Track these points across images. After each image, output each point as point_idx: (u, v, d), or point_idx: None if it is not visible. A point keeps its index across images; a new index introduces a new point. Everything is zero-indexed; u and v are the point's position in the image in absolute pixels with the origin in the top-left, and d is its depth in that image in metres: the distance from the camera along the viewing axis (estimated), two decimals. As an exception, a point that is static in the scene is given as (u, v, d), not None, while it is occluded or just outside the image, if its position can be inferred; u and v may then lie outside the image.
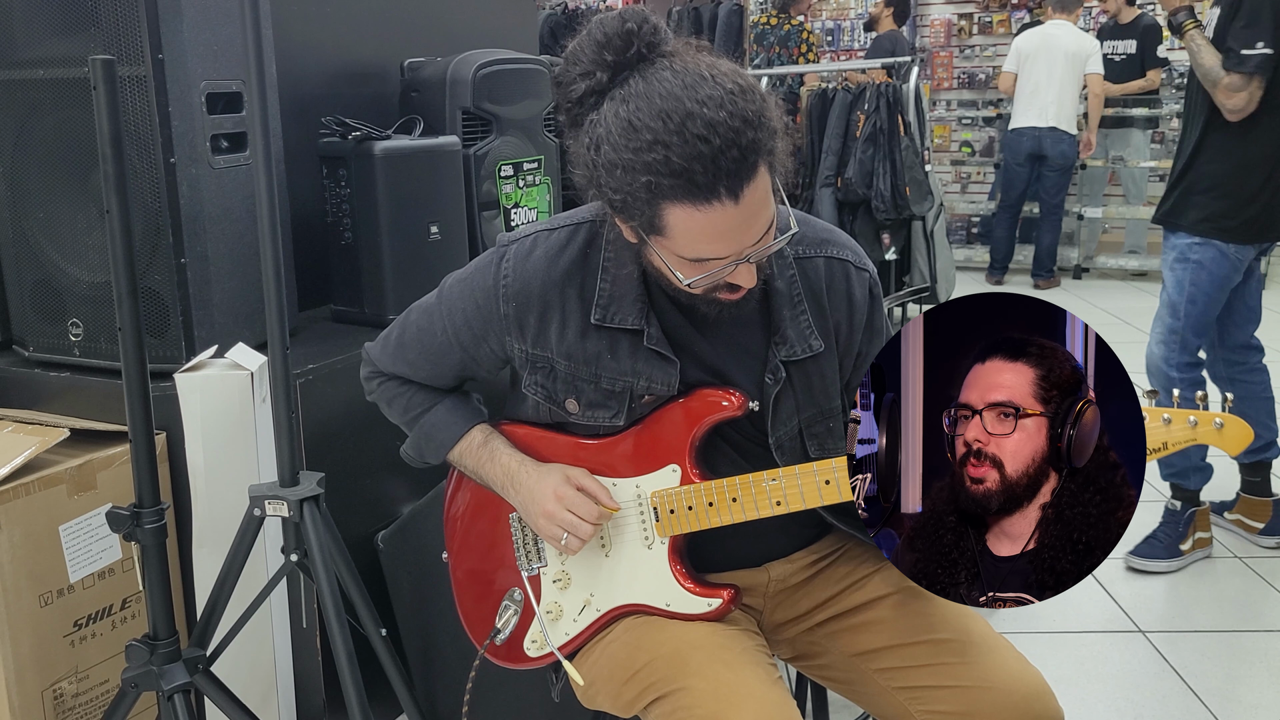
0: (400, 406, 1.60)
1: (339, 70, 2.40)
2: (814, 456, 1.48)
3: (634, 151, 1.20)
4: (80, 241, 1.83)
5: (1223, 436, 1.29)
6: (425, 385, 1.59)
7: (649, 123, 1.19)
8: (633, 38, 1.25)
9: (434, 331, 1.53)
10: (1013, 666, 1.39)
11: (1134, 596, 2.98)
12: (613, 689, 1.44)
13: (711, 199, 1.20)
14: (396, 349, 1.58)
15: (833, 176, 5.46)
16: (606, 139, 1.23)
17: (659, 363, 1.42)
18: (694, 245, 1.25)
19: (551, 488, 1.44)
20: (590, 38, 1.26)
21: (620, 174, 1.22)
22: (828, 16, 9.20)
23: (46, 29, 1.76)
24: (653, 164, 1.19)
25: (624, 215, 1.28)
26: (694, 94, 1.19)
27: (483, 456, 1.54)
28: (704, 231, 1.23)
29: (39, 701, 1.69)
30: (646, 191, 1.21)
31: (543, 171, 2.47)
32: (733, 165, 1.19)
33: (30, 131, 1.82)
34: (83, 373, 1.89)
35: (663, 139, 1.18)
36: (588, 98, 1.26)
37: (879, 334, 1.53)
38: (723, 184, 1.19)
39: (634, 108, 1.21)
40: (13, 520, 1.63)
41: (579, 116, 1.28)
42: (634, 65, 1.25)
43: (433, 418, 1.57)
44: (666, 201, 1.22)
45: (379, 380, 1.62)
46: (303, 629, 1.87)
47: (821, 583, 1.55)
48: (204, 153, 1.80)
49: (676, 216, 1.23)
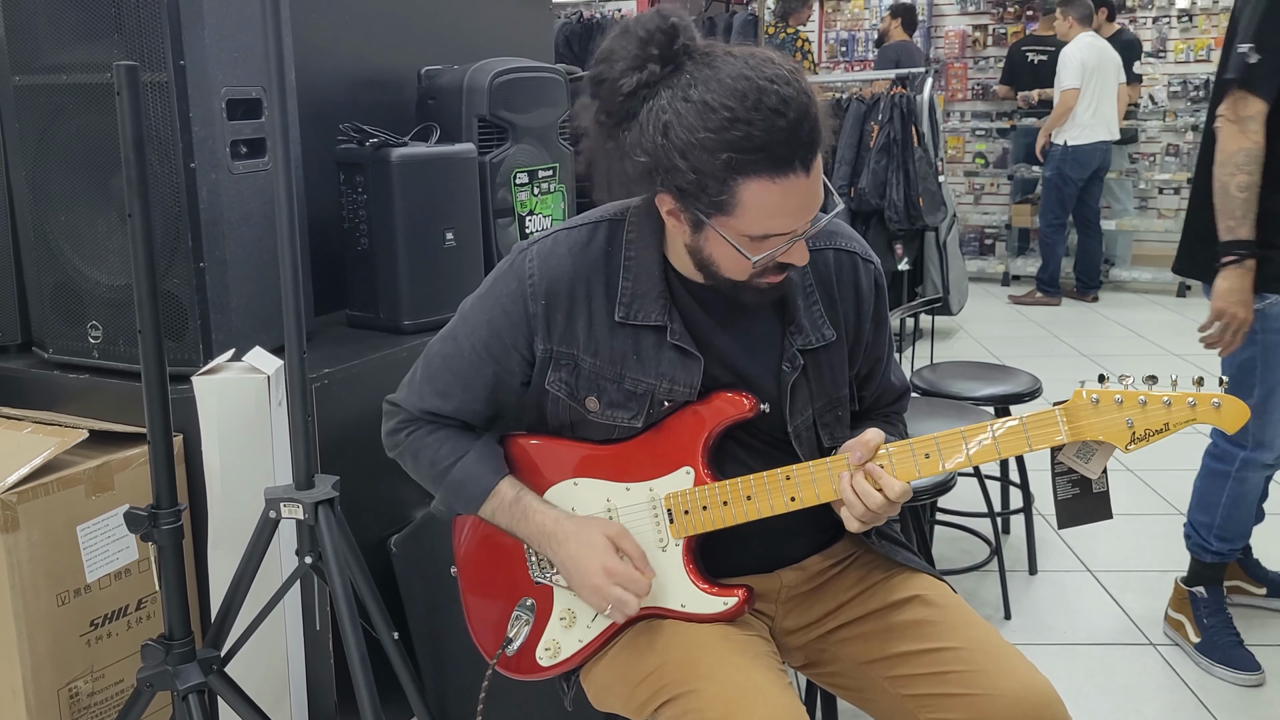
0: (427, 460, 1.55)
1: (357, 77, 2.42)
2: (826, 445, 1.51)
3: (712, 130, 1.24)
4: (101, 245, 1.85)
5: (1220, 415, 1.32)
6: (455, 428, 1.55)
7: (725, 101, 1.23)
8: (677, 31, 1.29)
9: (461, 353, 1.51)
10: (1022, 675, 1.39)
11: (1145, 609, 2.97)
12: (625, 691, 1.45)
13: (789, 171, 1.25)
14: (424, 383, 1.55)
15: (846, 186, 5.46)
16: (678, 123, 1.26)
17: (681, 360, 1.43)
18: (763, 220, 1.29)
19: (599, 561, 1.43)
20: (630, 35, 1.29)
21: (697, 154, 1.25)
22: (842, 27, 9.21)
23: (70, 35, 1.78)
24: (734, 141, 1.23)
25: (692, 199, 1.30)
26: (761, 73, 1.24)
27: (515, 514, 1.51)
28: (778, 205, 1.27)
29: (55, 700, 1.70)
30: (725, 169, 1.25)
31: (557, 179, 2.48)
32: (808, 137, 1.25)
33: (53, 136, 1.84)
34: (102, 375, 1.90)
35: (741, 116, 1.22)
36: (640, 90, 1.29)
37: (883, 324, 1.57)
38: (799, 155, 1.25)
39: (704, 90, 1.25)
40: (31, 520, 1.64)
41: (632, 109, 1.30)
42: (682, 57, 1.29)
43: (459, 473, 1.52)
44: (744, 177, 1.25)
45: (406, 430, 1.57)
46: (316, 631, 1.88)
47: (833, 589, 1.56)
48: (224, 158, 1.82)
49: (752, 192, 1.26)
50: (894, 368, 1.65)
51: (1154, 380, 1.35)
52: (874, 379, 1.61)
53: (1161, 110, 7.74)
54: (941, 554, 3.32)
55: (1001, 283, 7.69)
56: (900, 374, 1.67)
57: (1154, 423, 1.34)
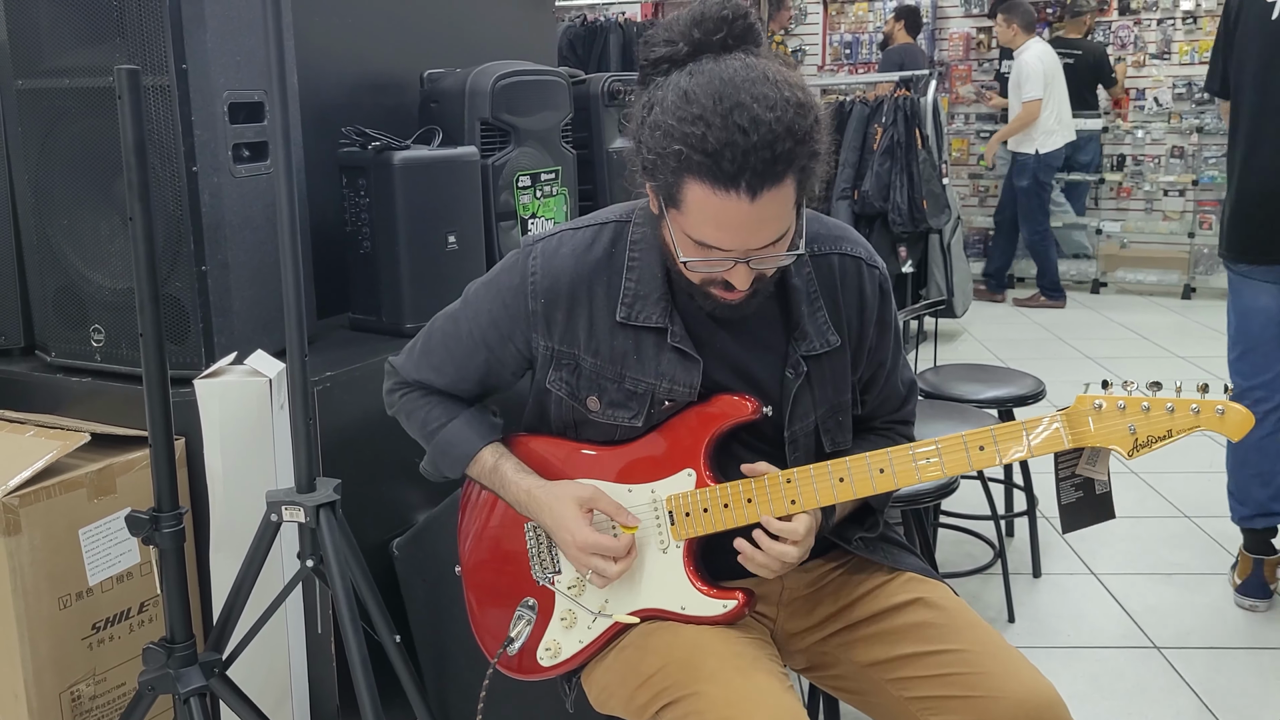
0: (419, 420, 1.61)
1: (359, 81, 2.42)
2: (827, 449, 1.51)
3: (678, 120, 1.24)
4: (103, 248, 1.85)
5: (1224, 422, 1.31)
6: (446, 396, 1.60)
7: (701, 98, 1.24)
8: (725, 24, 1.30)
9: (459, 335, 1.55)
10: (1025, 678, 1.38)
11: (1149, 612, 2.97)
12: (626, 694, 1.44)
13: (730, 188, 1.23)
14: (421, 355, 1.60)
15: (849, 189, 5.46)
16: (661, 102, 1.28)
17: (681, 362, 1.44)
18: (702, 228, 1.29)
19: (571, 536, 1.45)
20: (690, 11, 1.31)
21: (660, 136, 1.26)
22: (846, 30, 9.20)
23: (72, 39, 1.78)
24: (690, 136, 1.23)
25: (650, 178, 1.32)
26: (752, 88, 1.23)
27: (494, 482, 1.56)
28: (714, 217, 1.27)
29: (57, 703, 1.71)
30: (675, 160, 1.25)
31: (560, 182, 2.48)
32: (761, 165, 1.22)
33: (55, 139, 1.84)
34: (104, 378, 1.91)
35: (706, 117, 1.22)
36: (662, 63, 1.31)
37: (888, 328, 1.56)
38: (745, 178, 1.23)
39: (695, 81, 1.26)
40: (33, 523, 1.65)
41: (649, 78, 1.33)
42: (716, 48, 1.30)
43: (448, 434, 1.58)
44: (690, 175, 1.25)
45: (401, 392, 1.63)
46: (318, 634, 1.88)
47: (835, 592, 1.56)
48: (226, 161, 1.82)
49: (694, 193, 1.26)
50: (902, 370, 1.64)
51: (1158, 386, 1.34)
52: (877, 384, 1.60)
53: (1166, 112, 7.73)
54: (945, 557, 3.31)
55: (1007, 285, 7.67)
56: (909, 377, 1.65)
57: (1157, 429, 1.33)
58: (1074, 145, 7.04)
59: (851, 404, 1.55)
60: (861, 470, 1.41)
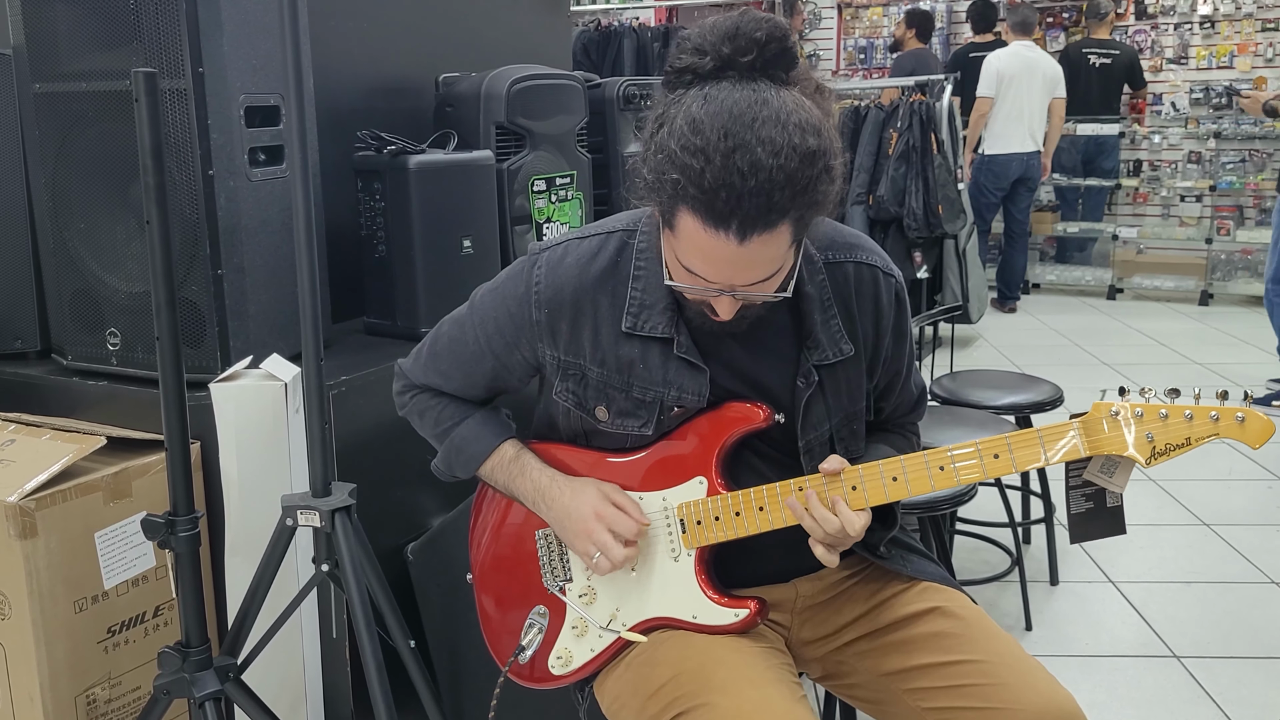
0: (431, 420, 1.61)
1: (375, 85, 2.42)
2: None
3: (681, 148, 1.22)
4: (119, 252, 1.86)
5: (1244, 430, 1.29)
6: (456, 398, 1.60)
7: (707, 131, 1.21)
8: (756, 46, 1.25)
9: (466, 341, 1.54)
10: (1044, 688, 1.37)
11: (1168, 621, 2.94)
12: (637, 704, 1.43)
13: (720, 228, 1.22)
14: (429, 360, 1.60)
15: (864, 194, 5.45)
16: (670, 122, 1.25)
17: (689, 371, 1.43)
18: (690, 256, 1.28)
19: (591, 505, 1.45)
20: (728, 22, 1.27)
21: (662, 159, 1.25)
22: (860, 35, 9.19)
23: (90, 42, 1.79)
24: (689, 168, 1.21)
25: (650, 196, 1.30)
26: (761, 130, 1.20)
27: (514, 471, 1.54)
28: (701, 250, 1.26)
29: (72, 707, 1.71)
30: (672, 187, 1.24)
31: (575, 186, 2.48)
32: (754, 211, 1.20)
33: (72, 143, 1.85)
34: (120, 382, 1.91)
35: (708, 152, 1.20)
36: (686, 73, 1.28)
37: (903, 337, 1.55)
38: (736, 221, 1.21)
39: (707, 109, 1.22)
40: (49, 527, 1.65)
41: (672, 85, 1.30)
42: (743, 69, 1.26)
43: (463, 431, 1.58)
44: (684, 205, 1.24)
45: (411, 394, 1.63)
46: (332, 639, 1.88)
47: (850, 600, 1.55)
48: (242, 165, 1.82)
49: (686, 223, 1.25)
50: (914, 375, 1.63)
51: (1176, 393, 1.33)
52: (893, 391, 1.59)
53: (1184, 117, 7.69)
54: (961, 564, 3.29)
55: (1024, 290, 7.65)
56: (919, 381, 1.65)
57: (1175, 437, 1.31)
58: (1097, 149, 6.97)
59: (865, 412, 1.54)
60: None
